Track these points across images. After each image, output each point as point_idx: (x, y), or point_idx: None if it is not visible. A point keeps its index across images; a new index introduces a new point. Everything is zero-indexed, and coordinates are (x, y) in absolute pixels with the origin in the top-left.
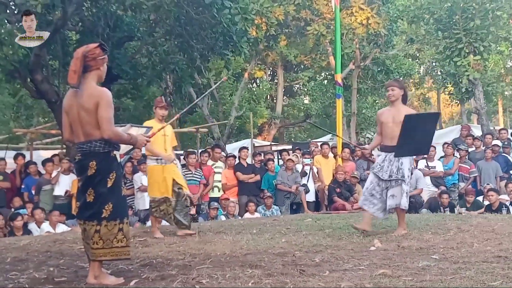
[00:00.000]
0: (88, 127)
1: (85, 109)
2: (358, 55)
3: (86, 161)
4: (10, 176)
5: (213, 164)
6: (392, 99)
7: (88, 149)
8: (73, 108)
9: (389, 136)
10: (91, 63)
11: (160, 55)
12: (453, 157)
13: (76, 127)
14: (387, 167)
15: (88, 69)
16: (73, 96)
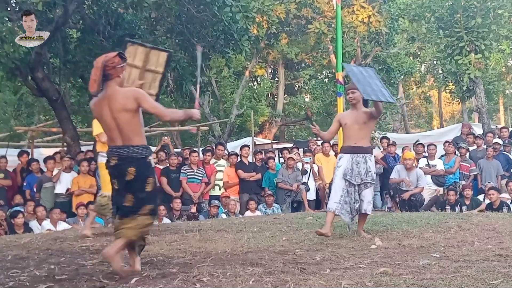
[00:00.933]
0: (128, 132)
1: (125, 111)
2: (359, 54)
3: (124, 166)
4: (11, 174)
5: (215, 162)
6: (354, 102)
7: (126, 154)
8: (106, 115)
9: (352, 137)
10: (111, 71)
11: None
12: (454, 156)
13: (112, 132)
14: (357, 171)
15: (109, 78)
16: (101, 104)
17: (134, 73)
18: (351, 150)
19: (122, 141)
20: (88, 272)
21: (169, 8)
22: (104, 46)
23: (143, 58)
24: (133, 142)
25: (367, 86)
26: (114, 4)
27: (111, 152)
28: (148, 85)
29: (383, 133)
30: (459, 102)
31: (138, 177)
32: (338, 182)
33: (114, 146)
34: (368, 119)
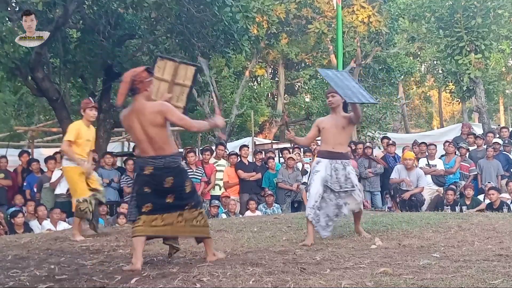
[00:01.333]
0: (159, 143)
1: (154, 125)
2: (359, 53)
3: (162, 176)
4: (11, 174)
5: (215, 162)
6: (333, 106)
7: (163, 164)
8: (136, 128)
9: (331, 142)
10: (139, 85)
11: (161, 53)
12: (454, 156)
13: (143, 144)
14: (335, 178)
15: (137, 92)
16: (130, 117)
17: (163, 87)
18: (329, 155)
19: (154, 151)
20: (88, 272)
21: (169, 8)
22: (104, 46)
23: (172, 72)
24: (166, 152)
25: (347, 89)
26: (114, 4)
27: (146, 162)
28: (176, 98)
29: (383, 133)
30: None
31: (177, 183)
32: (315, 187)
33: (148, 156)
34: (347, 124)
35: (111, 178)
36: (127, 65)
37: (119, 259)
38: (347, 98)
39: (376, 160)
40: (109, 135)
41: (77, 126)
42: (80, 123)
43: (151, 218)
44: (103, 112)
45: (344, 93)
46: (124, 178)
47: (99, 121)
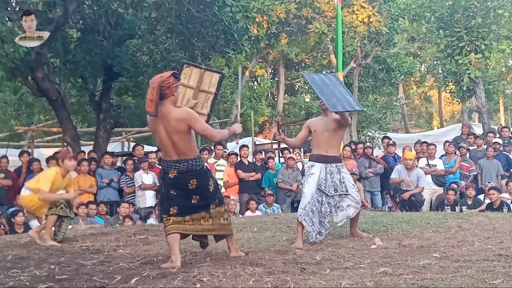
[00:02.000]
0: (183, 148)
1: (178, 132)
2: (359, 53)
3: (185, 179)
4: (11, 174)
5: (215, 162)
6: (324, 107)
7: (186, 168)
8: (161, 132)
9: (324, 146)
10: (166, 91)
11: (161, 53)
12: (454, 156)
13: (168, 148)
14: (330, 181)
15: (164, 97)
16: (157, 122)
17: (188, 93)
18: (323, 159)
19: (177, 156)
20: (88, 272)
21: (169, 8)
22: (104, 46)
23: (197, 79)
24: (188, 156)
25: (332, 96)
26: (114, 4)
27: (170, 165)
28: (201, 105)
29: (383, 133)
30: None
31: (200, 185)
32: (309, 189)
33: (171, 160)
34: (338, 127)
35: (110, 178)
36: (127, 65)
37: (119, 259)
38: (331, 106)
39: (376, 160)
40: (109, 135)
41: (53, 177)
42: (57, 173)
43: (179, 219)
44: (103, 112)
45: (328, 101)
46: (124, 178)
47: (99, 121)
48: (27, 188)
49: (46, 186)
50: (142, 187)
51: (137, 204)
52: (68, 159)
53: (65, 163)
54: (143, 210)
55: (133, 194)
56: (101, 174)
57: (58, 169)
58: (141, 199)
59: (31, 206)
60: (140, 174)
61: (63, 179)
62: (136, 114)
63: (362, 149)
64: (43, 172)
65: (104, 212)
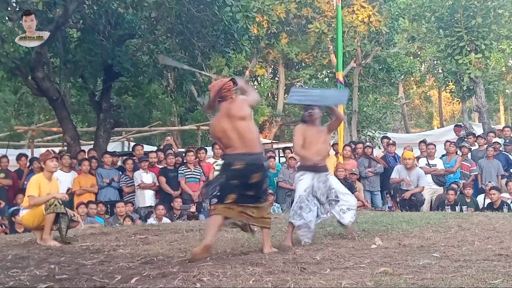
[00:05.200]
0: (250, 140)
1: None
2: (359, 53)
3: (250, 172)
4: (12, 173)
5: (214, 162)
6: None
7: (252, 161)
8: (227, 127)
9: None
10: (226, 93)
11: (161, 52)
12: (455, 155)
13: (234, 141)
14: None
15: (224, 99)
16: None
17: None
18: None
19: (245, 148)
20: (88, 272)
21: (169, 8)
22: (104, 46)
23: None
24: (256, 149)
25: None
26: (114, 4)
27: (237, 158)
28: None
29: (383, 133)
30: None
31: (261, 180)
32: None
33: (240, 153)
34: (327, 136)
35: (111, 177)
36: (127, 64)
37: (119, 258)
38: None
39: (376, 159)
40: (109, 135)
41: (38, 182)
42: (40, 177)
43: (232, 206)
44: (103, 112)
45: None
46: (124, 178)
47: (99, 120)
48: (23, 208)
49: (35, 192)
50: (141, 186)
51: (136, 203)
52: (50, 160)
53: (47, 164)
54: (142, 209)
55: (133, 194)
56: (101, 173)
57: (41, 173)
58: (140, 199)
59: (35, 222)
60: (140, 173)
61: (49, 182)
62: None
63: (362, 149)
64: (29, 180)
65: (103, 211)
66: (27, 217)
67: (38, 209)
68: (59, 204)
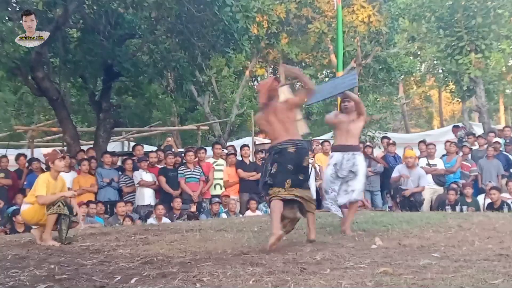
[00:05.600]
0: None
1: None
2: (359, 53)
3: (303, 154)
4: (11, 173)
5: (214, 162)
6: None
7: (301, 145)
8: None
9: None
10: (273, 92)
11: (161, 52)
12: (455, 155)
13: (279, 131)
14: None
15: (273, 98)
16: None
17: None
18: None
19: (290, 136)
20: (88, 272)
21: (169, 8)
22: (104, 46)
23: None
24: (298, 137)
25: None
26: (114, 4)
27: (287, 143)
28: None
29: (383, 133)
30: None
31: (308, 164)
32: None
33: (287, 139)
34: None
35: (111, 177)
36: (127, 64)
37: (119, 258)
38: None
39: (376, 159)
40: (109, 135)
41: (46, 181)
42: (48, 177)
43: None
44: (103, 112)
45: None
46: (123, 178)
47: (99, 120)
48: (26, 203)
49: (43, 191)
50: (141, 184)
51: (136, 202)
52: (58, 159)
53: (56, 164)
54: (142, 209)
55: (132, 194)
56: (101, 173)
57: (48, 173)
58: (140, 197)
59: (34, 219)
60: (140, 173)
61: (55, 182)
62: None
63: (362, 149)
64: (37, 179)
65: (102, 211)
66: (28, 212)
67: (40, 206)
68: (62, 206)
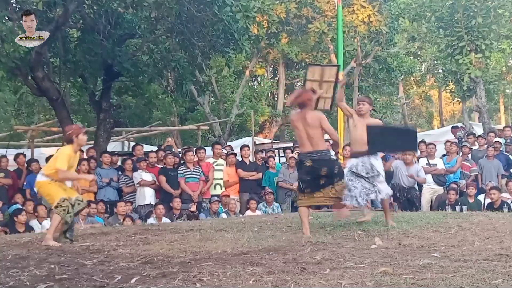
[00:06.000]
0: (315, 140)
1: (312, 127)
2: (359, 53)
3: (319, 166)
4: (11, 173)
5: (214, 162)
6: (362, 113)
7: (318, 157)
8: (300, 128)
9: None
10: (307, 102)
11: (161, 52)
12: (456, 155)
13: (304, 140)
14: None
15: (305, 106)
16: (298, 121)
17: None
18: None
19: (312, 147)
20: (88, 272)
21: (169, 8)
22: (104, 46)
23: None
24: (320, 147)
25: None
26: (114, 4)
27: (306, 156)
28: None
29: None
30: (460, 102)
31: (330, 171)
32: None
33: (307, 151)
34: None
35: (110, 177)
36: (127, 64)
37: (119, 258)
38: None
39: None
40: (109, 135)
41: (68, 154)
42: (70, 150)
43: (310, 195)
44: (103, 112)
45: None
46: (123, 178)
47: (99, 120)
48: (43, 174)
49: (64, 164)
50: (141, 184)
51: (136, 201)
52: (82, 134)
53: (80, 138)
54: (142, 209)
55: (132, 194)
56: (100, 173)
57: (71, 146)
58: (141, 196)
59: (47, 193)
60: (139, 173)
61: (75, 156)
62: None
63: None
64: (59, 152)
65: (102, 210)
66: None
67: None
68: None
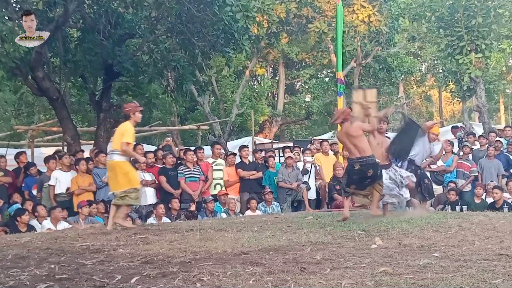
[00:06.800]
0: (361, 148)
1: (355, 137)
2: (359, 53)
3: (365, 170)
4: (11, 173)
5: (213, 162)
6: (382, 131)
7: (365, 162)
8: (346, 141)
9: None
10: (348, 118)
11: (161, 52)
12: (452, 155)
13: (352, 149)
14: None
15: (346, 121)
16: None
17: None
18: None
19: (359, 154)
20: (88, 271)
21: (169, 7)
22: (104, 46)
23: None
24: (366, 154)
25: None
26: (114, 3)
27: (355, 161)
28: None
29: None
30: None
31: (375, 173)
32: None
33: (356, 157)
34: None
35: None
36: (127, 64)
37: (119, 258)
38: None
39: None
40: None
41: (132, 129)
42: (131, 125)
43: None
44: (103, 112)
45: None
46: None
47: (100, 120)
48: (119, 154)
49: (131, 138)
50: (143, 184)
51: None
52: (139, 111)
53: (136, 115)
54: (144, 209)
55: None
56: (98, 173)
57: (128, 122)
58: (142, 197)
59: (123, 172)
60: (140, 172)
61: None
62: None
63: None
64: (122, 129)
65: (102, 210)
66: (122, 164)
67: (133, 169)
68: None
